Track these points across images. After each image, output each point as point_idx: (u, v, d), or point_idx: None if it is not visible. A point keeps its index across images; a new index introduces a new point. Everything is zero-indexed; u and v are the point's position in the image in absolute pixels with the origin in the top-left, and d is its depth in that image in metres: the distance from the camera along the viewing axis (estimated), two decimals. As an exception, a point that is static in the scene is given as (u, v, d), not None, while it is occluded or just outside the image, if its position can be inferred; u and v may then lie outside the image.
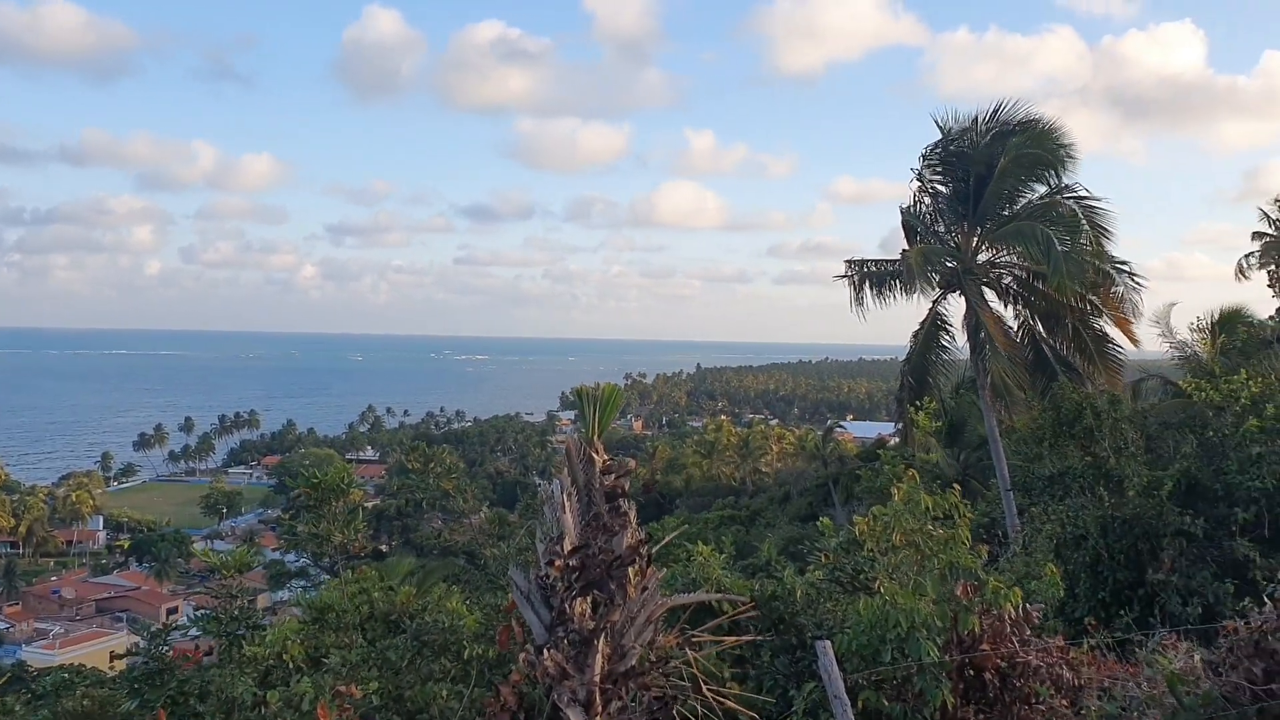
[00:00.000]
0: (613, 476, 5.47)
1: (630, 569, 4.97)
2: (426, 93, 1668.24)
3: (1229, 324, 27.71)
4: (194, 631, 14.59)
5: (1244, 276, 47.09)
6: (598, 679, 5.00)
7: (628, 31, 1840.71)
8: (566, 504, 5.43)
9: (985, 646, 6.64)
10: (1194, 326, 26.48)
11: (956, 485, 8.25)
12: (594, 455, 5.49)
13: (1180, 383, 17.86)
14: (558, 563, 5.06)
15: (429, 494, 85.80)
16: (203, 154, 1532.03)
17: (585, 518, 5.36)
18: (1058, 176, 26.45)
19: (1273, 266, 42.38)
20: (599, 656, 5.05)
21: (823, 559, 9.04)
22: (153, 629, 14.01)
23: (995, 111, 26.64)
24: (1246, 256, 48.84)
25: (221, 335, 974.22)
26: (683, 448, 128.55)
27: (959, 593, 7.09)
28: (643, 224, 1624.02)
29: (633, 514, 5.27)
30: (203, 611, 15.14)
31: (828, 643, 6.20)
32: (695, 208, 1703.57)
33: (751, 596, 8.30)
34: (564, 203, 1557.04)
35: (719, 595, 5.63)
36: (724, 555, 9.08)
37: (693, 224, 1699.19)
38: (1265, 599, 7.45)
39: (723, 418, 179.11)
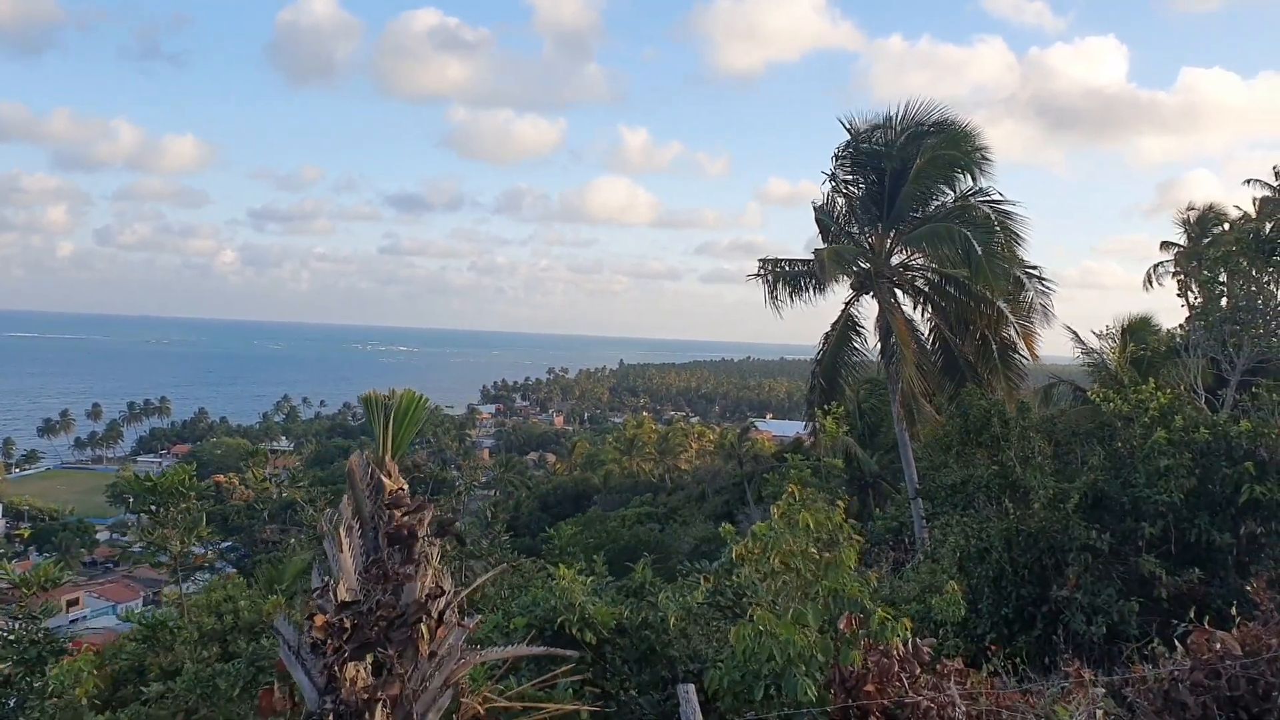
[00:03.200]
0: (401, 512, 4.40)
1: (423, 625, 4.01)
2: (361, 79, 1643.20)
3: (1136, 332, 27.77)
4: None
5: (1153, 284, 47.71)
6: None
7: (568, 25, 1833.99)
8: (344, 542, 4.31)
9: (870, 687, 5.90)
10: (1102, 334, 26.45)
11: (841, 503, 7.49)
12: (384, 480, 4.44)
13: (1088, 391, 17.60)
14: (320, 619, 4.04)
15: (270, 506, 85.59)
16: (124, 133, 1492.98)
17: (369, 560, 4.29)
18: (972, 180, 26.22)
19: (1182, 276, 43.06)
20: (376, 732, 4.03)
21: (703, 580, 8.20)
22: None
23: (907, 111, 26.31)
24: (1156, 266, 49.58)
25: (134, 320, 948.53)
26: (603, 444, 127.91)
27: (843, 624, 6.37)
28: (573, 218, 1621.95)
29: (433, 554, 4.29)
30: None
31: (691, 687, 5.45)
32: (627, 204, 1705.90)
33: (618, 625, 7.51)
34: (494, 195, 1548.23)
35: (539, 650, 4.61)
36: (590, 579, 8.16)
37: (624, 220, 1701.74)
38: (1174, 640, 6.87)
39: (644, 414, 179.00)
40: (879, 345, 27.69)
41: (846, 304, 28.15)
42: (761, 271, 27.94)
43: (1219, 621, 8.11)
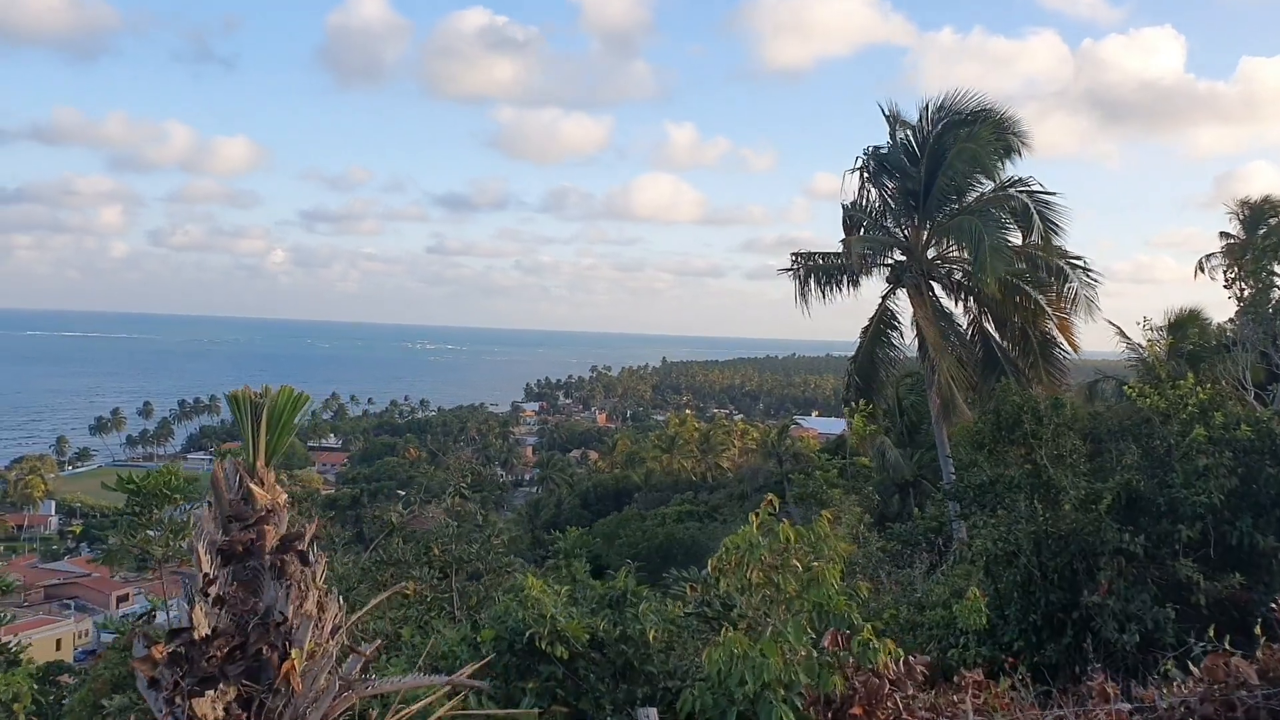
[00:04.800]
0: (241, 526, 3.77)
1: (274, 654, 3.54)
2: (410, 80, 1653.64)
3: (1182, 326, 26.83)
4: None
5: (1203, 274, 46.43)
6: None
7: (616, 22, 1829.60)
8: (204, 558, 3.75)
9: (857, 710, 5.42)
10: (1145, 326, 25.58)
11: (826, 513, 7.01)
12: (254, 490, 3.87)
13: (1126, 386, 16.91)
14: (156, 649, 3.53)
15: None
16: (177, 136, 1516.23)
17: (231, 578, 3.74)
18: (1011, 168, 25.51)
19: (1234, 269, 41.76)
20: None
21: (689, 590, 7.71)
22: None
23: (945, 101, 25.61)
24: (1208, 257, 48.29)
25: (186, 319, 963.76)
26: (644, 441, 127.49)
27: (827, 643, 5.91)
28: (618, 216, 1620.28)
29: (313, 573, 3.84)
30: None
31: (653, 710, 5.03)
32: (672, 201, 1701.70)
33: (593, 638, 7.07)
34: (540, 194, 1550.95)
35: (445, 680, 4.07)
36: (567, 588, 7.71)
37: (668, 217, 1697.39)
38: (1188, 663, 6.33)
39: (687, 412, 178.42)
40: (917, 340, 27.07)
41: (883, 298, 27.57)
42: (794, 265, 27.38)
43: (1268, 629, 7.55)
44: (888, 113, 26.36)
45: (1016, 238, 25.44)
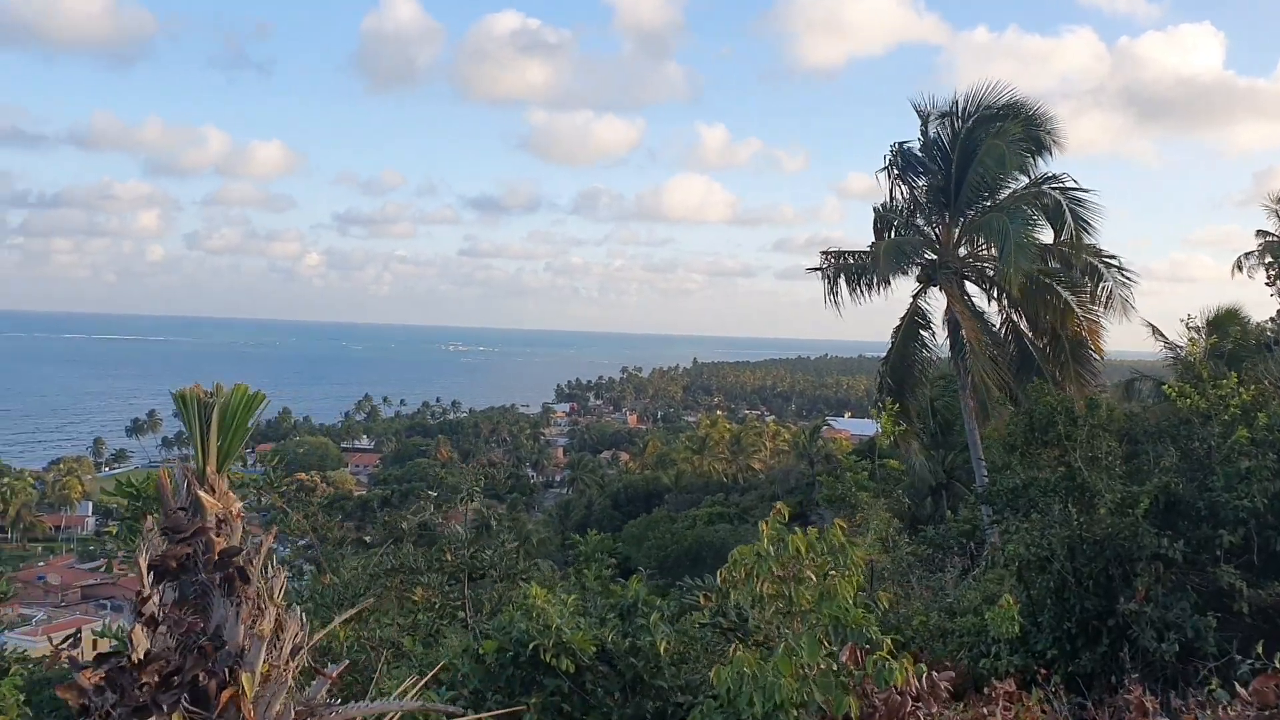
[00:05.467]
0: (179, 539, 3.47)
1: (211, 680, 3.16)
2: (443, 83, 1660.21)
3: (1222, 324, 26.21)
4: None
5: (1241, 272, 45.50)
6: None
7: (649, 24, 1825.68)
8: (146, 574, 3.44)
9: (876, 730, 5.14)
10: (1184, 323, 25.03)
11: (840, 521, 6.68)
12: (203, 498, 3.59)
13: (1164, 386, 16.48)
14: (85, 675, 3.24)
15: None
16: (213, 140, 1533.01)
17: (179, 595, 3.45)
18: (1042, 163, 25.03)
19: (1275, 267, 40.88)
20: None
21: (702, 599, 7.38)
22: None
23: (976, 95, 25.16)
24: (1247, 255, 47.35)
25: (221, 322, 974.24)
26: (675, 443, 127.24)
27: (845, 657, 5.60)
28: (649, 217, 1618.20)
29: (264, 591, 3.53)
30: None
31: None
32: (703, 201, 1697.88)
33: (600, 651, 6.78)
34: (571, 196, 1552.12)
35: (415, 706, 3.72)
36: (573, 597, 7.40)
37: (700, 218, 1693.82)
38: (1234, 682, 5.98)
39: (718, 413, 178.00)
40: (948, 340, 26.64)
41: (914, 297, 27.14)
42: (824, 265, 27.02)
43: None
44: (918, 108, 25.96)
45: (1048, 235, 25.03)
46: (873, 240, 27.02)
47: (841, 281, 26.47)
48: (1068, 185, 24.62)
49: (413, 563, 11.07)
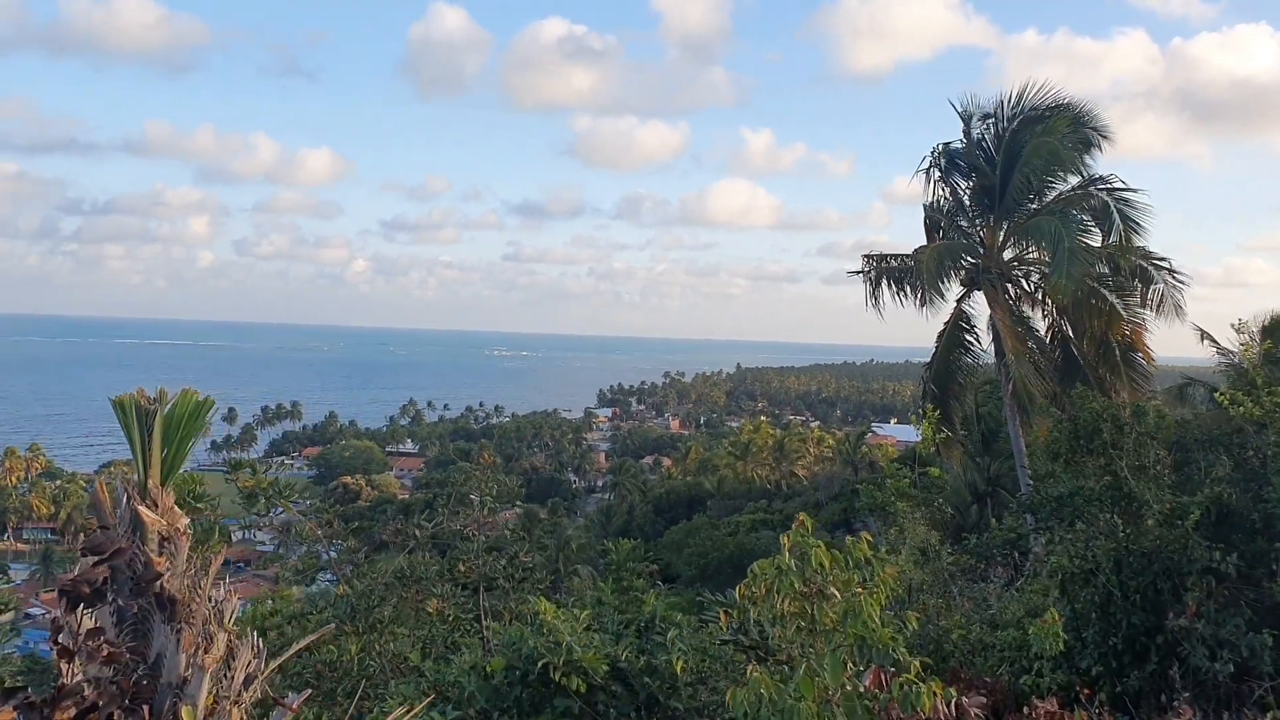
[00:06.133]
0: (95, 561, 3.15)
1: (190, 710, 2.73)
2: (489, 90, 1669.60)
3: (1277, 330, 25.38)
4: None
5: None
6: None
7: (695, 30, 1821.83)
8: (59, 600, 3.19)
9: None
10: (1236, 328, 24.27)
11: (867, 534, 6.31)
12: (141, 514, 3.31)
13: (1216, 394, 15.90)
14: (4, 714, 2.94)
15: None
16: (263, 147, 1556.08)
17: (117, 621, 3.14)
18: (1090, 163, 24.40)
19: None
20: None
21: (721, 616, 6.98)
22: None
23: (1021, 95, 24.59)
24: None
25: (269, 327, 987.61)
26: (718, 448, 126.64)
27: (869, 681, 5.29)
28: (692, 222, 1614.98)
29: (212, 616, 3.19)
30: None
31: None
32: (748, 206, 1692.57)
33: (614, 669, 6.47)
34: (614, 200, 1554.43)
35: None
36: (586, 613, 7.06)
37: (744, 223, 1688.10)
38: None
39: (762, 418, 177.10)
40: (993, 345, 26.09)
41: (958, 301, 26.62)
42: (866, 268, 26.59)
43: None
44: (961, 109, 25.45)
45: (1096, 238, 24.40)
46: (923, 243, 26.54)
47: (884, 284, 26.04)
48: (1116, 186, 24.01)
49: (424, 572, 10.79)
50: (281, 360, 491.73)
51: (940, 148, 25.47)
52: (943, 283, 25.13)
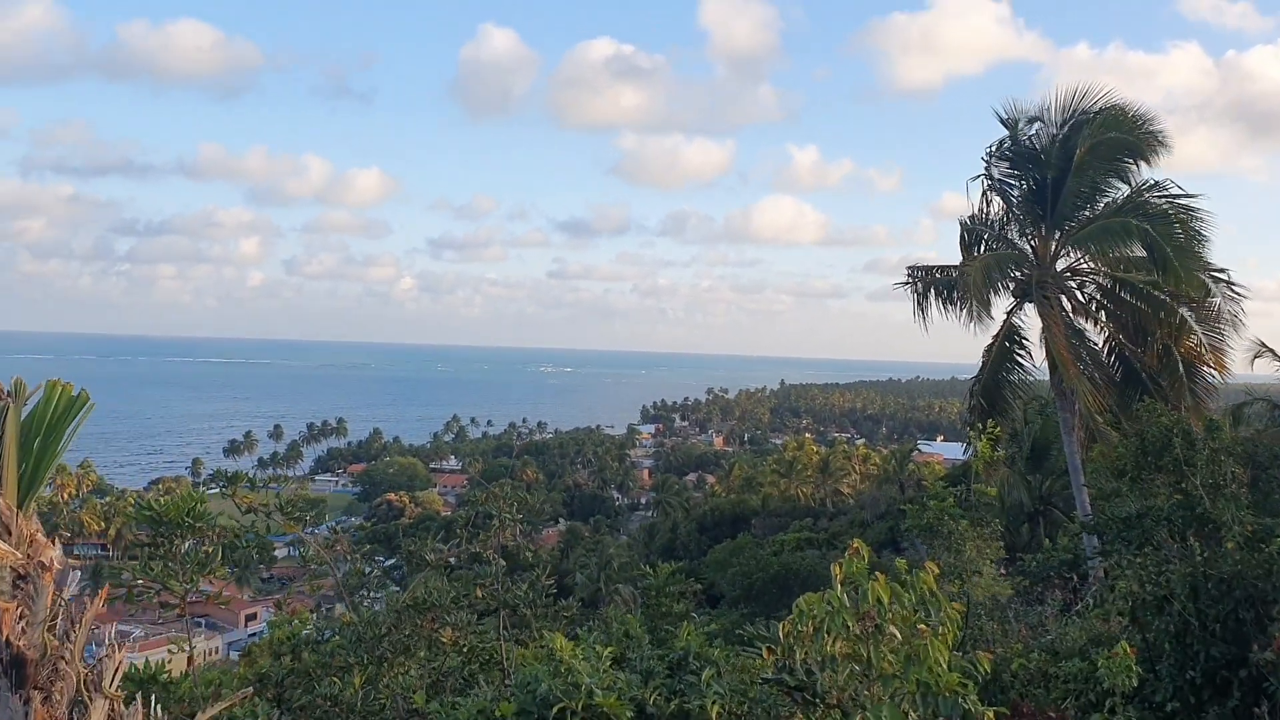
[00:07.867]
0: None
1: None
2: (537, 110, 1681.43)
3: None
4: None
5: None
6: None
7: (743, 47, 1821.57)
8: None
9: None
10: (1302, 342, 23.26)
11: (934, 564, 5.58)
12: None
13: (1284, 409, 15.07)
14: None
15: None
16: (314, 169, 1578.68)
17: None
18: (1147, 166, 23.40)
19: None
20: None
21: (765, 654, 6.20)
22: None
23: (1069, 99, 23.64)
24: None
25: (317, 345, 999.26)
26: (762, 466, 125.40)
27: (936, 734, 4.62)
28: (737, 239, 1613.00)
29: (88, 678, 2.50)
30: None
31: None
32: (793, 223, 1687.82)
33: (641, 714, 5.77)
34: (660, 218, 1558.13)
35: None
36: (609, 650, 6.31)
37: (789, 239, 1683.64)
38: None
39: (806, 436, 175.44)
40: (1045, 359, 25.12)
41: (1008, 314, 25.69)
42: (910, 280, 25.76)
43: None
44: (1005, 116, 24.51)
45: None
46: (960, 259, 25.64)
47: (931, 296, 25.19)
48: (1174, 192, 23.02)
49: (439, 599, 10.11)
50: (329, 378, 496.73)
51: (993, 147, 24.54)
52: (993, 295, 24.25)
